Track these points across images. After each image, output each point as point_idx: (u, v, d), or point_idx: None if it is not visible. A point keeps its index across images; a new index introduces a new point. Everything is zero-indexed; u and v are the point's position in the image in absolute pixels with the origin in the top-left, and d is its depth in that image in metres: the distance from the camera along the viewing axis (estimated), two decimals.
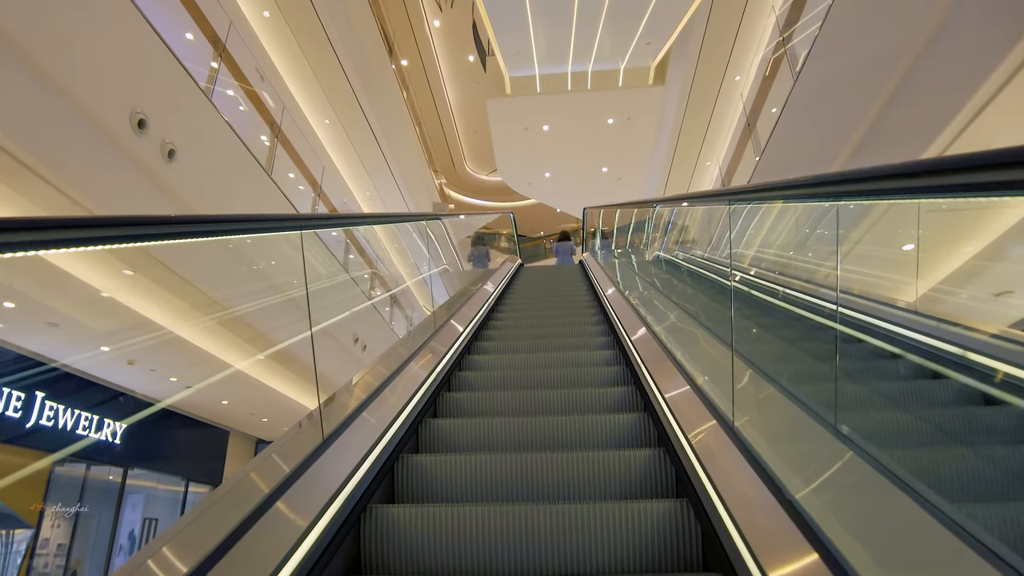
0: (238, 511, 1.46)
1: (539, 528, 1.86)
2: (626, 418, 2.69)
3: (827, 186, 1.37)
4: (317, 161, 9.39)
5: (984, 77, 3.71)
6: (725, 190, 1.88)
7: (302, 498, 1.67)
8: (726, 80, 11.48)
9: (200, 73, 6.57)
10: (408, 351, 3.30)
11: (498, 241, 14.91)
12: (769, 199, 1.86)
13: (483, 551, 1.85)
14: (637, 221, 6.17)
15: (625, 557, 1.83)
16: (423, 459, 2.36)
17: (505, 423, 2.72)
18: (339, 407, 2.29)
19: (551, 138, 13.94)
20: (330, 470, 1.87)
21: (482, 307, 5.48)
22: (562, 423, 2.69)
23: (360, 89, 12.21)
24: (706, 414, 2.10)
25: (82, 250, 1.27)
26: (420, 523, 1.90)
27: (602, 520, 1.86)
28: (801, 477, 1.49)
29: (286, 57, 10.51)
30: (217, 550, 1.32)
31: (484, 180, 25.04)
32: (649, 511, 1.86)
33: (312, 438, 1.95)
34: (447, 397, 3.20)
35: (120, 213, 1.22)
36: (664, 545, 1.83)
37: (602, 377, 3.49)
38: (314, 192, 9.04)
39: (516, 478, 2.27)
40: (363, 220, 6.42)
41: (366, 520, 1.91)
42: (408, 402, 2.72)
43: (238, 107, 7.31)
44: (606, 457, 2.28)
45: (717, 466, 1.82)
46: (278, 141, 7.73)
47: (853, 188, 1.34)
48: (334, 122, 12.67)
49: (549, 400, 3.09)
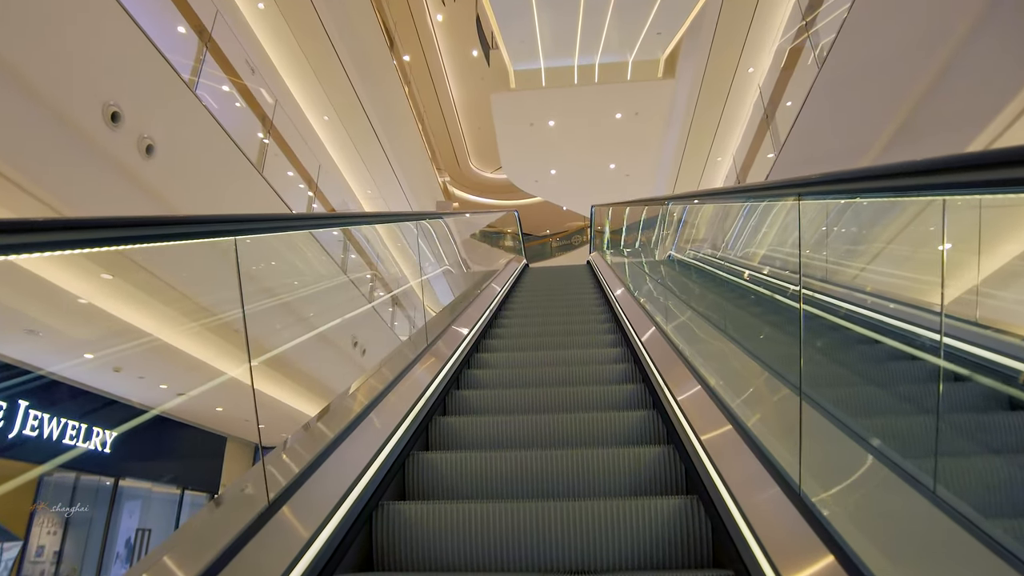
0: (250, 510, 1.48)
1: (550, 524, 1.87)
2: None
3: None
4: (313, 159, 9.02)
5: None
6: (793, 181, 1.49)
7: (314, 497, 1.69)
8: (739, 72, 11.03)
9: (184, 65, 6.21)
10: (400, 366, 2.97)
11: (504, 240, 14.52)
12: (855, 192, 1.48)
13: (494, 547, 1.86)
14: (652, 219, 5.77)
15: (636, 553, 1.82)
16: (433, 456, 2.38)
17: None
18: (345, 409, 2.28)
19: (557, 134, 13.52)
20: (341, 469, 1.91)
21: (485, 312, 5.11)
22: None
23: (360, 85, 11.85)
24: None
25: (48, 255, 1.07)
26: (431, 520, 1.92)
27: (613, 516, 1.86)
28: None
29: (282, 51, 10.15)
30: (229, 548, 1.33)
31: (489, 178, 24.64)
32: (659, 507, 1.86)
33: (321, 438, 1.98)
34: (456, 395, 3.21)
35: (91, 215, 1.12)
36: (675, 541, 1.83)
37: (611, 383, 3.37)
38: (310, 191, 8.67)
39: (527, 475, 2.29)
40: (356, 220, 6.04)
41: (378, 517, 1.94)
42: (394, 433, 2.37)
43: (227, 101, 6.95)
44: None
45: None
46: (270, 137, 7.36)
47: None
48: (333, 119, 12.32)
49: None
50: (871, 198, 1.73)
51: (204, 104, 6.04)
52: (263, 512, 1.49)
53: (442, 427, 2.78)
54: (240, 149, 6.55)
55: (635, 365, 3.48)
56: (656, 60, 11.92)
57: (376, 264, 9.28)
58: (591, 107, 12.48)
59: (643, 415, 2.68)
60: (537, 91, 12.20)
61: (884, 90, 4.76)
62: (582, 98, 12.24)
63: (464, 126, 22.39)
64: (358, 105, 12.24)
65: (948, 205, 1.22)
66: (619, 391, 3.08)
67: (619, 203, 7.30)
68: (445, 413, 3.10)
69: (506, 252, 12.05)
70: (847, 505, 1.33)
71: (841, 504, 1.32)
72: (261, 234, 2.01)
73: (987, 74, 3.90)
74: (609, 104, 12.38)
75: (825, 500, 1.34)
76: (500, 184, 22.82)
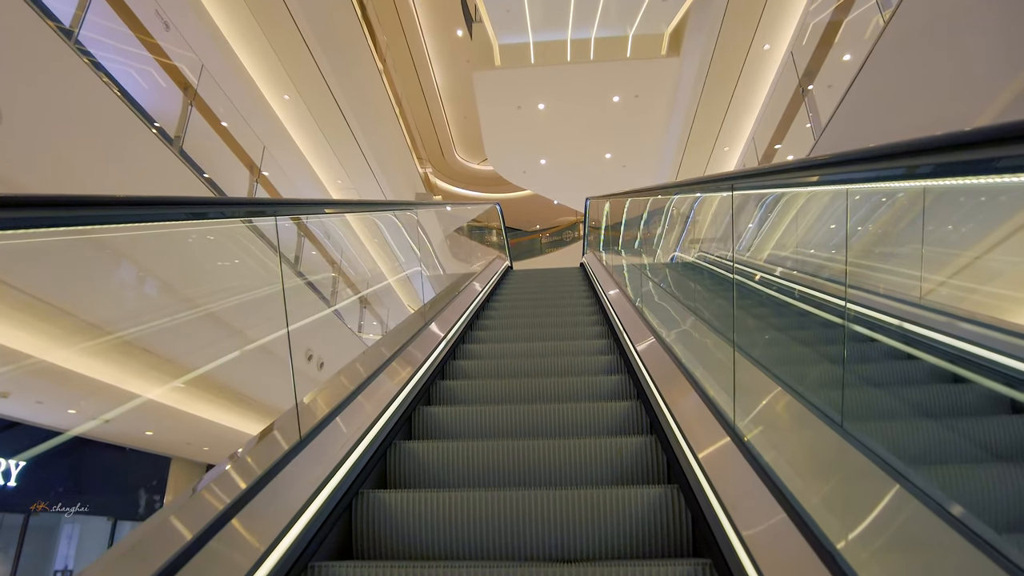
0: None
1: (530, 513, 1.84)
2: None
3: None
4: (258, 140, 7.62)
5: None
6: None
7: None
8: (754, 49, 9.72)
9: (65, 13, 4.81)
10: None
11: (489, 235, 13.14)
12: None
13: (474, 536, 1.84)
14: (671, 215, 4.44)
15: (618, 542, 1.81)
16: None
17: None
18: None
19: (547, 118, 12.14)
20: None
21: (446, 337, 3.77)
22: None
23: (326, 65, 10.44)
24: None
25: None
26: (411, 508, 1.89)
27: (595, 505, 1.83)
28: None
29: (229, 15, 8.72)
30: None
31: (476, 169, 23.25)
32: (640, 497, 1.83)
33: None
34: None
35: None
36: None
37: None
38: (252, 176, 7.27)
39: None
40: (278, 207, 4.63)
41: (358, 505, 1.91)
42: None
43: (130, 63, 5.54)
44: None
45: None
46: (193, 108, 5.97)
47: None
48: (296, 99, 10.90)
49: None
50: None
51: (91, 62, 4.66)
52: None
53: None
54: (145, 121, 5.17)
55: (680, 494, 1.92)
56: (660, 35, 10.54)
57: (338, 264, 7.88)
58: (586, 88, 11.10)
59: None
60: (525, 69, 10.78)
61: (994, 43, 3.46)
62: (576, 78, 10.84)
63: (449, 114, 20.94)
64: (323, 85, 10.84)
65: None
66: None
67: (621, 193, 5.96)
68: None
69: (491, 249, 10.68)
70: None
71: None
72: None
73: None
74: (606, 85, 11.00)
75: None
76: (488, 176, 21.42)
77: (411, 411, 2.76)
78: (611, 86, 11.06)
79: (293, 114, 11.13)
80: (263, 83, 10.10)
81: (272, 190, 8.09)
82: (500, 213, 10.32)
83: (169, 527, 1.25)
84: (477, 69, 10.82)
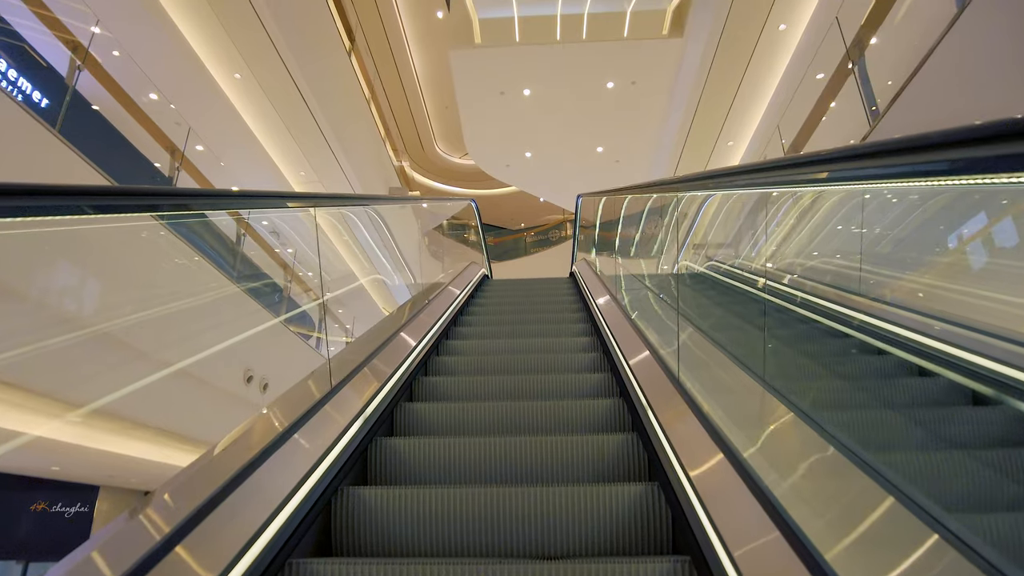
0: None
1: (510, 510, 1.81)
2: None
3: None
4: (183, 120, 6.33)
5: None
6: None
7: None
8: (768, 30, 8.60)
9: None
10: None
11: (468, 234, 11.92)
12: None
13: (454, 532, 1.81)
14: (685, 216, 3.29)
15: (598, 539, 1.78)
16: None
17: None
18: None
19: (534, 106, 10.92)
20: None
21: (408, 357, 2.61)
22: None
23: (282, 41, 9.17)
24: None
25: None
26: (391, 505, 1.84)
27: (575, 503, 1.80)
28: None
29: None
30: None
31: (457, 163, 21.98)
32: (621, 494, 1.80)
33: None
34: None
35: None
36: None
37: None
38: (174, 161, 5.98)
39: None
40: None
41: (338, 502, 1.86)
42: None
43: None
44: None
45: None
46: (84, 74, 4.68)
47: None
48: (248, 78, 9.59)
49: None
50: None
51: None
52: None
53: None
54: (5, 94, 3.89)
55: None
56: (661, 11, 9.36)
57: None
58: (577, 72, 9.90)
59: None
60: (510, 48, 9.54)
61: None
62: (566, 59, 9.63)
63: (429, 103, 19.64)
64: (280, 65, 9.55)
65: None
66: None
67: (622, 189, 4.78)
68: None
69: (471, 248, 9.45)
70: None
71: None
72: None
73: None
74: (600, 68, 9.81)
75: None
76: (471, 171, 20.18)
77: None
78: (605, 70, 9.87)
79: (246, 96, 9.82)
80: (209, 59, 8.78)
81: (203, 179, 6.80)
82: (476, 211, 9.10)
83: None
84: (454, 47, 9.57)
